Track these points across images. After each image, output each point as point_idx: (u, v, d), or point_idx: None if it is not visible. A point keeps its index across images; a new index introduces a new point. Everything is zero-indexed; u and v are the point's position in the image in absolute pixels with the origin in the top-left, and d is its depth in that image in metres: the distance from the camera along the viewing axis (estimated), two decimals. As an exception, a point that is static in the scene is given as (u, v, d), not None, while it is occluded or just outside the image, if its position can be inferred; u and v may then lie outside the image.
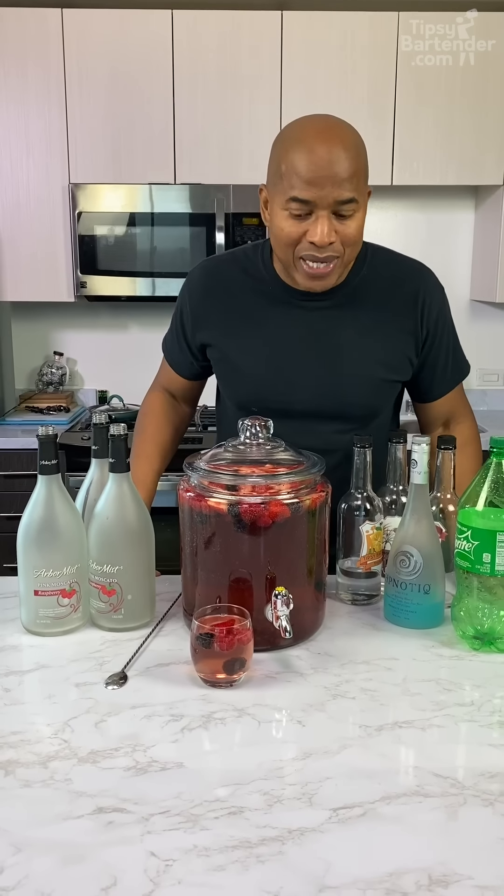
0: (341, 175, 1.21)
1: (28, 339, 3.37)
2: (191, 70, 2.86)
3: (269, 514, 1.09)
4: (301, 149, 1.23)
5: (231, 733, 0.93)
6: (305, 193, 1.21)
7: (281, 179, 1.25)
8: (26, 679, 1.05)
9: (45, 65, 2.85)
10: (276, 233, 1.29)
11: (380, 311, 1.38)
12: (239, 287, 1.42)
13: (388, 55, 2.86)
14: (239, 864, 0.71)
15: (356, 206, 1.24)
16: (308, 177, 1.21)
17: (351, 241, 1.26)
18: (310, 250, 1.26)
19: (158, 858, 0.72)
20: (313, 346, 1.38)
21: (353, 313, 1.37)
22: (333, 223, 1.24)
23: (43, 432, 1.14)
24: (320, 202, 1.22)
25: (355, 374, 1.38)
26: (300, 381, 1.38)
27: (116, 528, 1.16)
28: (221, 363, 1.46)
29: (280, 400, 1.38)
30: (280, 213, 1.26)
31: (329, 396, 1.38)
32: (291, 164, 1.23)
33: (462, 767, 0.87)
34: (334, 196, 1.21)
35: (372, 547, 1.25)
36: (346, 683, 1.03)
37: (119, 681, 1.03)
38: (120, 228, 2.93)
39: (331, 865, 0.71)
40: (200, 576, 1.15)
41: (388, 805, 0.79)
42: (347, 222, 1.25)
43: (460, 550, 1.12)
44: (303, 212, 1.23)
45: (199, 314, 1.45)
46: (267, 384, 1.40)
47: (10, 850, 0.73)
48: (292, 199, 1.23)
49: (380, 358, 1.39)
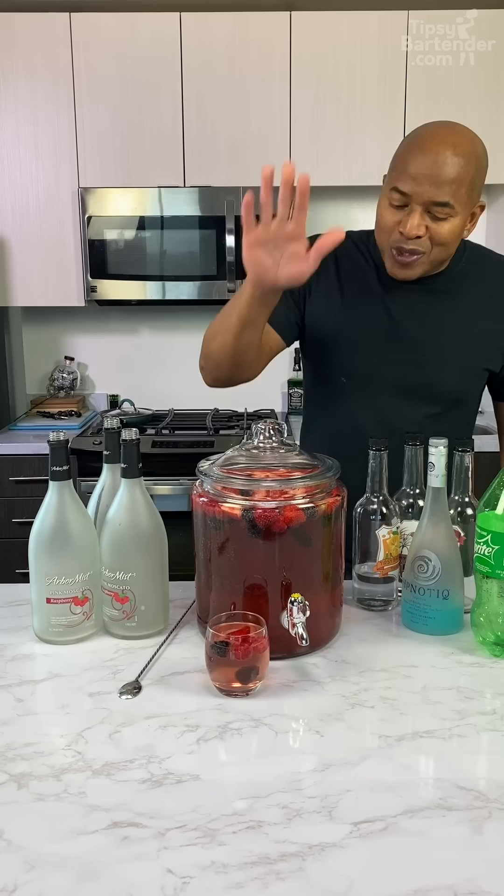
0: (441, 177, 1.26)
1: (39, 344, 3.37)
2: (199, 72, 2.85)
3: (284, 520, 1.07)
4: (414, 145, 1.30)
5: (248, 744, 0.91)
6: (404, 186, 1.28)
7: (392, 171, 1.33)
8: (39, 689, 1.04)
9: (54, 69, 2.85)
10: (377, 219, 1.36)
11: (479, 300, 1.44)
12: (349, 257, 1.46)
13: (398, 54, 2.84)
14: (258, 881, 0.69)
15: (451, 212, 1.29)
16: (410, 171, 1.27)
17: (440, 240, 1.31)
18: (399, 240, 1.32)
19: (175, 875, 0.70)
20: (411, 325, 1.42)
21: (453, 299, 1.43)
22: (426, 219, 1.29)
23: (54, 437, 1.13)
24: (416, 197, 1.28)
25: (448, 357, 1.42)
26: (394, 356, 1.42)
27: (129, 535, 1.14)
28: (317, 326, 1.46)
29: (372, 375, 1.43)
30: (383, 200, 1.34)
31: (420, 375, 1.42)
32: (402, 156, 1.31)
33: (485, 779, 0.85)
34: (430, 195, 1.27)
35: (389, 552, 1.23)
36: (364, 692, 1.01)
37: (133, 690, 1.01)
38: (129, 232, 2.92)
39: (353, 883, 0.69)
40: (214, 582, 1.14)
41: (411, 819, 0.77)
42: (440, 223, 1.30)
43: (479, 555, 1.09)
44: (400, 203, 1.30)
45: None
46: (363, 352, 1.43)
47: (24, 866, 0.71)
48: (393, 188, 1.30)
49: (474, 344, 1.43)
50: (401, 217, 1.31)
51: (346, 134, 2.89)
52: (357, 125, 2.88)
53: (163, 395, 3.22)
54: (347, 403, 1.46)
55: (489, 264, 1.48)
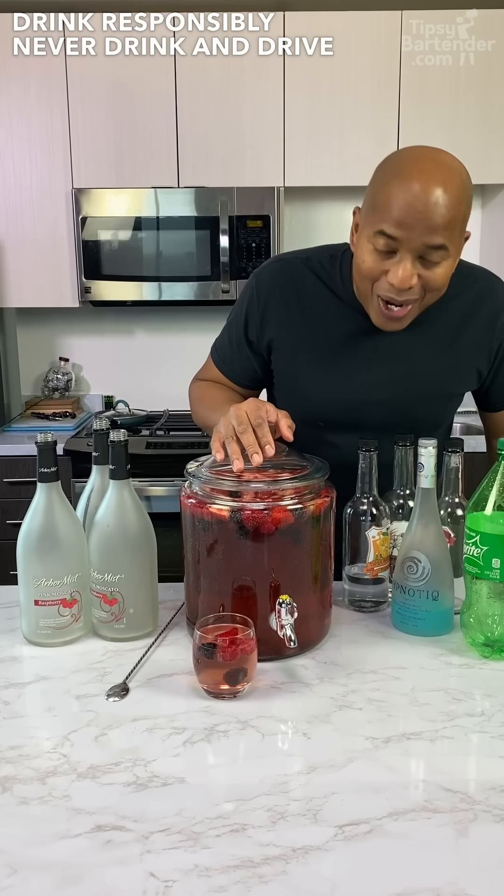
0: (435, 221, 1.13)
1: (33, 346, 3.36)
2: (193, 72, 2.84)
3: (273, 521, 1.06)
4: (400, 184, 1.15)
5: (234, 746, 0.90)
6: (394, 231, 1.15)
7: (374, 210, 1.19)
8: (26, 691, 1.03)
9: (48, 68, 2.84)
10: (359, 263, 1.23)
11: (456, 327, 1.35)
12: (312, 295, 1.36)
13: (392, 55, 2.83)
14: (241, 884, 0.69)
15: (445, 255, 1.17)
16: (400, 217, 1.14)
17: (433, 287, 1.20)
18: (388, 291, 1.20)
19: (158, 879, 0.70)
20: (388, 363, 1.35)
21: (430, 329, 1.33)
22: (417, 267, 1.17)
23: (42, 439, 1.12)
24: (407, 243, 1.15)
25: (429, 390, 1.36)
26: (373, 397, 1.35)
27: (117, 536, 1.14)
28: (287, 373, 1.39)
29: (350, 416, 1.35)
30: (366, 244, 1.20)
31: (401, 413, 1.34)
32: (387, 197, 1.16)
33: (472, 781, 0.85)
34: (423, 241, 1.15)
35: (379, 553, 1.23)
36: (352, 694, 1.01)
37: (121, 692, 1.01)
38: (124, 233, 2.92)
39: (335, 886, 0.69)
40: (203, 584, 1.13)
41: (396, 821, 0.77)
42: (434, 269, 1.18)
43: (469, 556, 1.09)
44: (388, 248, 1.17)
45: (267, 318, 1.38)
46: (338, 399, 1.36)
47: (6, 870, 0.71)
48: (380, 232, 1.16)
49: (453, 373, 1.37)
50: (388, 265, 1.18)
51: (339, 133, 2.88)
52: (351, 125, 2.88)
53: (158, 396, 3.21)
54: (327, 444, 1.34)
55: (466, 282, 1.35)
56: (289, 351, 1.38)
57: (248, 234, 2.86)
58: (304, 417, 1.30)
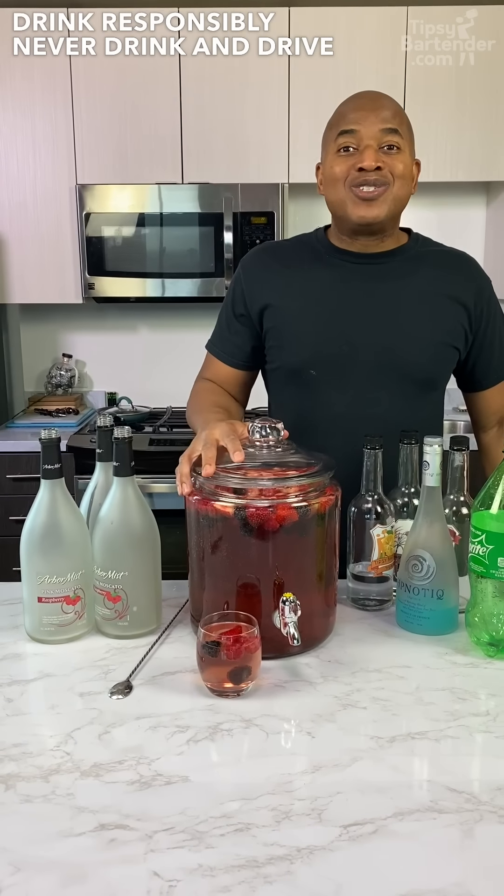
0: (383, 106, 1.34)
1: (37, 342, 3.36)
2: (197, 68, 2.83)
3: (277, 518, 1.06)
4: (349, 99, 1.39)
5: (238, 745, 0.90)
6: (351, 124, 1.33)
7: (331, 127, 1.38)
8: (30, 688, 1.03)
9: (52, 64, 2.83)
10: (329, 176, 1.37)
11: (436, 280, 1.43)
12: (293, 258, 1.47)
13: (397, 50, 2.82)
14: (246, 884, 0.69)
15: (401, 142, 1.34)
16: (352, 113, 1.34)
17: (398, 173, 1.33)
18: (360, 177, 1.32)
19: (162, 879, 0.69)
20: (373, 307, 1.41)
21: (411, 278, 1.42)
22: (380, 155, 1.32)
23: (45, 435, 1.12)
24: (365, 131, 1.32)
25: (416, 334, 1.40)
26: (360, 340, 1.39)
27: (121, 533, 1.13)
28: (279, 329, 1.44)
29: (342, 360, 1.40)
30: (332, 156, 1.36)
31: (391, 354, 1.39)
32: (338, 112, 1.38)
33: (478, 781, 0.84)
34: (378, 125, 1.32)
35: (383, 551, 1.22)
36: (356, 692, 1.00)
37: (124, 690, 1.01)
38: (128, 229, 2.91)
39: (341, 887, 0.68)
40: (208, 581, 1.13)
41: (401, 822, 0.76)
42: (394, 156, 1.33)
43: (474, 555, 1.09)
44: (350, 145, 1.33)
45: (255, 284, 1.47)
46: (327, 343, 1.40)
47: (9, 869, 0.71)
48: (340, 133, 1.34)
49: (438, 321, 1.41)
50: (354, 159, 1.33)
51: (345, 130, 2.87)
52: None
53: (161, 392, 3.20)
54: (319, 395, 1.42)
55: (441, 252, 1.49)
56: (277, 306, 1.44)
57: (252, 231, 2.85)
58: (296, 370, 1.43)
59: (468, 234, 3.28)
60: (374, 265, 1.42)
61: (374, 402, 1.38)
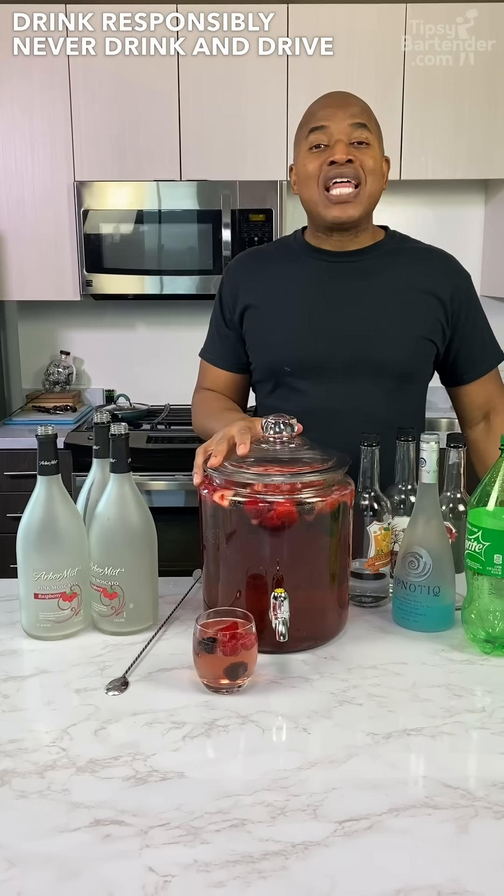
0: (351, 102, 1.37)
1: (34, 339, 3.35)
2: (196, 65, 2.83)
3: (276, 515, 1.06)
4: (316, 100, 1.42)
5: (234, 741, 0.90)
6: (321, 121, 1.35)
7: (302, 127, 1.40)
8: (26, 684, 1.03)
9: (50, 61, 2.83)
10: (302, 174, 1.39)
11: (412, 276, 1.44)
12: (272, 260, 1.50)
13: (396, 47, 2.82)
14: (240, 880, 0.69)
15: (370, 137, 1.36)
16: (322, 110, 1.37)
17: (369, 168, 1.36)
18: (332, 170, 1.34)
19: (157, 874, 0.69)
20: (349, 303, 1.42)
21: (387, 274, 1.43)
22: (351, 149, 1.34)
23: (42, 432, 1.12)
24: (335, 127, 1.34)
25: (391, 329, 1.41)
26: (337, 335, 1.41)
27: (118, 530, 1.13)
28: (256, 328, 1.47)
29: (315, 357, 1.41)
30: (304, 156, 1.38)
31: (366, 350, 1.40)
32: (309, 111, 1.41)
33: (473, 777, 0.84)
34: (347, 121, 1.34)
35: (380, 548, 1.22)
36: (353, 689, 1.00)
37: (120, 686, 1.01)
38: (126, 226, 2.91)
39: (336, 882, 0.68)
40: (222, 575, 1.13)
41: (396, 818, 0.76)
42: (364, 151, 1.35)
43: (471, 551, 1.09)
44: (322, 142, 1.35)
45: (236, 288, 1.50)
46: (302, 340, 1.42)
47: (4, 864, 0.71)
48: (311, 130, 1.36)
49: (414, 315, 1.42)
50: (324, 157, 1.35)
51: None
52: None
53: (159, 390, 3.20)
54: (296, 392, 1.44)
55: (417, 245, 1.50)
56: (256, 308, 1.47)
57: (250, 228, 2.85)
58: (273, 366, 1.46)
59: (466, 233, 3.28)
60: (349, 262, 1.43)
61: (351, 397, 1.39)
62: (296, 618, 1.04)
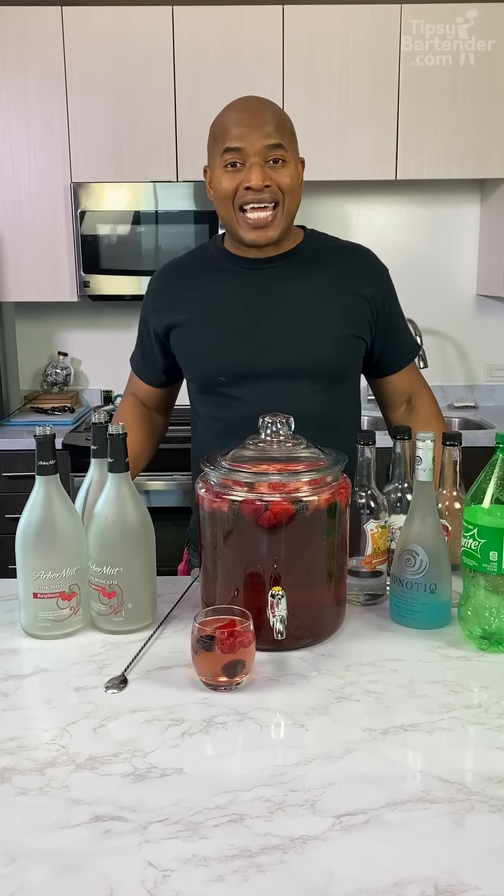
0: (265, 120, 1.33)
1: (32, 340, 3.36)
2: (192, 66, 2.84)
3: (273, 514, 1.06)
4: (228, 110, 1.38)
5: (232, 738, 0.91)
6: (236, 142, 1.32)
7: (215, 140, 1.37)
8: (25, 683, 1.04)
9: (46, 63, 2.83)
10: (217, 191, 1.37)
11: (335, 275, 1.44)
12: (194, 272, 1.49)
13: (391, 48, 2.83)
14: (239, 874, 0.69)
15: (285, 154, 1.34)
16: (236, 129, 1.33)
17: (286, 188, 1.34)
18: (248, 196, 1.33)
19: (156, 869, 0.70)
20: (274, 308, 1.42)
21: (309, 275, 1.42)
22: (267, 171, 1.32)
23: (40, 432, 1.12)
24: (250, 148, 1.32)
25: (320, 329, 1.42)
26: (266, 341, 1.41)
27: (116, 529, 1.14)
28: (184, 343, 1.48)
29: (248, 363, 1.41)
30: (219, 171, 1.35)
31: (297, 353, 1.40)
32: (221, 123, 1.36)
33: (469, 772, 0.85)
34: (262, 142, 1.32)
35: (377, 546, 1.23)
36: (350, 686, 1.01)
37: (119, 684, 1.01)
38: (123, 227, 2.91)
39: (333, 875, 0.69)
40: (220, 574, 1.14)
41: (393, 812, 0.77)
42: (280, 170, 1.33)
43: (467, 549, 1.09)
44: (237, 161, 1.33)
45: (158, 306, 1.50)
46: (233, 349, 1.42)
47: (5, 860, 0.71)
48: (225, 150, 1.33)
49: (341, 314, 1.43)
50: (241, 177, 1.33)
51: (338, 128, 2.88)
52: (350, 119, 2.87)
53: (156, 390, 3.21)
54: (232, 401, 1.44)
55: (335, 243, 1.50)
56: (181, 324, 1.47)
57: (246, 229, 2.86)
58: (206, 378, 1.47)
59: (461, 232, 3.29)
60: (272, 268, 1.43)
61: (287, 401, 1.36)
62: (293, 615, 1.05)
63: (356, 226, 3.28)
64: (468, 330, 3.33)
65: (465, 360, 3.35)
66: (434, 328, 3.30)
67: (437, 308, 3.29)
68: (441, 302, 3.28)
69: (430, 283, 3.27)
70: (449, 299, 3.30)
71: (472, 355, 3.35)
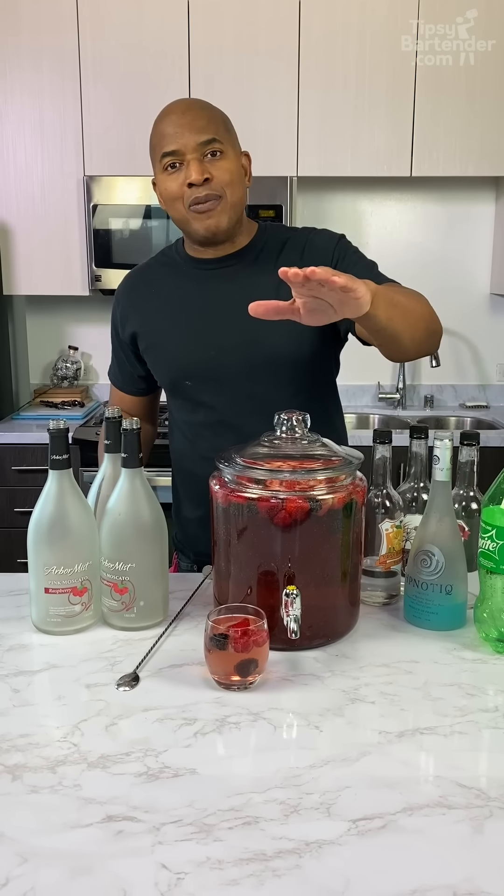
0: (197, 120, 1.34)
1: (43, 334, 3.35)
2: (207, 59, 2.82)
3: (288, 512, 1.05)
4: (159, 117, 1.39)
5: (246, 738, 0.89)
6: (171, 145, 1.34)
7: (154, 149, 1.38)
8: (36, 679, 1.03)
9: (60, 55, 2.82)
10: (165, 196, 1.38)
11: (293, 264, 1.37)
12: (157, 277, 1.50)
13: (407, 44, 2.80)
14: (254, 878, 0.68)
15: (222, 147, 1.35)
16: (169, 132, 1.34)
17: (226, 181, 1.35)
18: (192, 193, 1.34)
19: (170, 871, 0.69)
20: (234, 307, 1.38)
21: (264, 270, 1.40)
22: (205, 166, 1.33)
23: (54, 426, 1.11)
24: (185, 148, 1.33)
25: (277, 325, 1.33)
26: (227, 342, 1.40)
27: (129, 525, 1.13)
28: (151, 349, 1.49)
29: (209, 366, 1.41)
30: (163, 178, 1.37)
31: (261, 351, 1.39)
32: (155, 132, 1.38)
33: (486, 777, 0.84)
34: (196, 140, 1.33)
35: (392, 546, 1.22)
36: (364, 687, 1.00)
37: (131, 682, 1.00)
38: (135, 221, 2.90)
39: (350, 881, 0.68)
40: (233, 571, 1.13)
41: (410, 817, 0.76)
42: (218, 163, 1.34)
43: (484, 550, 1.08)
44: (175, 162, 1.34)
45: (125, 314, 1.52)
46: (195, 353, 1.42)
47: (16, 859, 0.70)
48: (163, 155, 1.35)
49: None
50: (181, 177, 1.34)
51: (354, 122, 2.86)
52: (365, 113, 2.85)
53: (167, 385, 3.20)
54: (200, 404, 1.45)
55: (289, 237, 1.46)
56: (145, 330, 1.49)
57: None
58: (173, 383, 1.48)
59: (476, 230, 3.27)
60: (228, 267, 1.42)
61: (257, 401, 1.36)
62: (307, 615, 1.04)
63: (370, 222, 3.25)
64: (481, 329, 3.30)
65: (478, 360, 3.33)
66: (447, 327, 3.25)
67: (450, 306, 3.26)
68: (454, 300, 3.26)
69: (444, 282, 3.24)
70: (462, 298, 3.28)
71: (485, 355, 3.33)
